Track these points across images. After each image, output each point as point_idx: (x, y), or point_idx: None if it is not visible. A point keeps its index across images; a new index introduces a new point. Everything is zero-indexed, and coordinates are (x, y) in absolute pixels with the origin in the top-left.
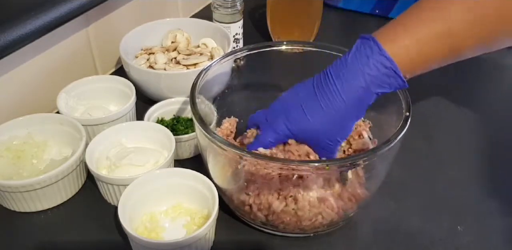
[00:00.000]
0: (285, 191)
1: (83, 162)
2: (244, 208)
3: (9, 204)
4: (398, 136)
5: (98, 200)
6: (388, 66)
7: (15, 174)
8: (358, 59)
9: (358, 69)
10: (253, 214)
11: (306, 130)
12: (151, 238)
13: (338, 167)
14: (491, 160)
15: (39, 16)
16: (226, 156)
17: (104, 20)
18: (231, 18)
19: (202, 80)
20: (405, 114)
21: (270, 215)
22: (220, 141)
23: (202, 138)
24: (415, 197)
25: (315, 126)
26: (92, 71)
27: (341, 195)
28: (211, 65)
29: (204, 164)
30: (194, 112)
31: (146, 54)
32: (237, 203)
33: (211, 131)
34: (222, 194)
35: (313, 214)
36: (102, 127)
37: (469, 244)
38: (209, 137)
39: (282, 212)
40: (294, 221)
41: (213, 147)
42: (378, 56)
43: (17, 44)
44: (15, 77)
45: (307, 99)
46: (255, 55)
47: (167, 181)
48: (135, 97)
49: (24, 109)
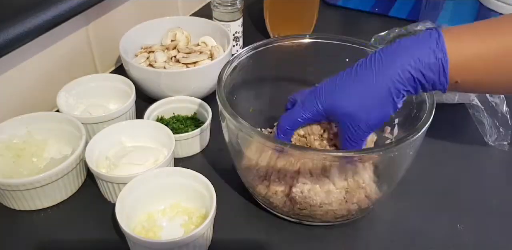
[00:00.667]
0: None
1: (83, 160)
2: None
3: (9, 202)
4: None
5: (98, 198)
6: (439, 57)
7: (15, 173)
8: (412, 42)
9: (408, 52)
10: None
11: (333, 106)
12: (149, 237)
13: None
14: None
15: (39, 14)
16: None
17: (104, 18)
18: (231, 16)
19: (227, 71)
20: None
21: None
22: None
23: (235, 127)
24: (415, 196)
25: (342, 102)
26: (92, 70)
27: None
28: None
29: (234, 155)
30: (226, 109)
31: (146, 53)
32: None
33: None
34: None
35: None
36: (102, 125)
37: (469, 243)
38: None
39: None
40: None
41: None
42: (434, 44)
43: (17, 43)
44: (15, 75)
45: (342, 76)
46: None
47: (164, 180)
48: (134, 95)
49: (24, 107)
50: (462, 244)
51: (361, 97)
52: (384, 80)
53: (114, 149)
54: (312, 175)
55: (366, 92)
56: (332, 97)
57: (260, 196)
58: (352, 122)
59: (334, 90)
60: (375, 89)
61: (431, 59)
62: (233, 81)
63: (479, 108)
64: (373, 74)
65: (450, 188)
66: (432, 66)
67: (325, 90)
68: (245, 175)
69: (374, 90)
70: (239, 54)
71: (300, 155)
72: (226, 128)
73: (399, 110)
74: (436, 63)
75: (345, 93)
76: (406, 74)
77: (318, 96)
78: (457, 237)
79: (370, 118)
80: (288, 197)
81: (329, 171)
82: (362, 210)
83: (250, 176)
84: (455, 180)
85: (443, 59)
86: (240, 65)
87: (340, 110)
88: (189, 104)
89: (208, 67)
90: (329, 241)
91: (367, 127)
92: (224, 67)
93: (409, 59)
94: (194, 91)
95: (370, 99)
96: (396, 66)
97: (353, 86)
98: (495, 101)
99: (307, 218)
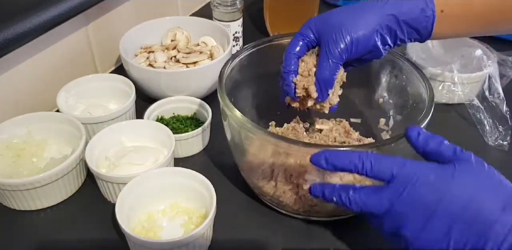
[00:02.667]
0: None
1: (83, 160)
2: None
3: (9, 202)
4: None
5: (98, 198)
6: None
7: (15, 173)
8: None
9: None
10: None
11: (325, 19)
12: (149, 237)
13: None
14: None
15: (39, 14)
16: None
17: (104, 18)
18: (231, 16)
19: (228, 68)
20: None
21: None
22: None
23: (238, 123)
24: None
25: (332, 14)
26: (91, 70)
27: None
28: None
29: (235, 150)
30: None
31: (146, 53)
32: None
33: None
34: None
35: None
36: (102, 125)
37: None
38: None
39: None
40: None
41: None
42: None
43: (16, 43)
44: (15, 75)
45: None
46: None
47: (164, 180)
48: (134, 95)
49: (24, 107)
50: None
51: (351, 12)
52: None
53: (114, 149)
54: (319, 171)
55: (357, 10)
56: (324, 15)
57: (268, 196)
58: (337, 33)
59: (326, 13)
60: (364, 8)
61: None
62: (233, 80)
63: (479, 108)
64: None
65: None
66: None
67: (318, 16)
68: (249, 176)
69: (364, 10)
70: (240, 51)
71: (304, 150)
72: (228, 126)
73: (395, 98)
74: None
75: (336, 11)
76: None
77: (314, 18)
78: None
79: (356, 30)
80: (298, 195)
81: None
82: None
83: (255, 177)
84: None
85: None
86: (241, 63)
87: (330, 20)
88: (189, 104)
89: (208, 67)
90: (332, 237)
91: (350, 42)
92: (225, 65)
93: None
94: (194, 91)
95: (359, 13)
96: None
97: (343, 9)
98: (495, 101)
99: (317, 214)
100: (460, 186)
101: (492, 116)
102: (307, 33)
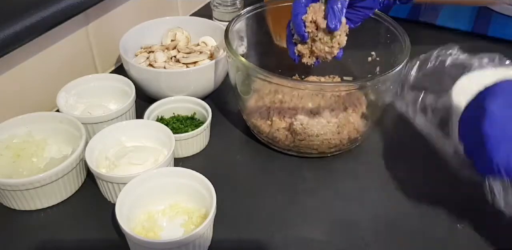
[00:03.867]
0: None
1: (83, 160)
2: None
3: (9, 202)
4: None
5: (98, 198)
6: None
7: (15, 173)
8: None
9: None
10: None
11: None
12: (149, 237)
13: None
14: None
15: (39, 14)
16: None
17: (104, 18)
18: (231, 16)
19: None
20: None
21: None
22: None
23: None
24: (415, 195)
25: None
26: (91, 70)
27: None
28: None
29: (238, 96)
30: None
31: (146, 53)
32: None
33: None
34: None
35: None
36: (102, 125)
37: (469, 243)
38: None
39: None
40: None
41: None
42: None
43: (16, 43)
44: (15, 75)
45: None
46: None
47: (164, 180)
48: (134, 95)
49: (24, 107)
50: (462, 244)
51: None
52: None
53: (114, 149)
54: (308, 113)
55: None
56: None
57: (264, 134)
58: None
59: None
60: None
61: None
62: (238, 36)
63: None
64: None
65: (450, 187)
66: None
67: None
68: (250, 118)
69: None
70: (247, 11)
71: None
72: (235, 68)
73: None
74: None
75: None
76: None
77: None
78: (457, 237)
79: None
80: (289, 131)
81: (321, 112)
82: (351, 140)
83: (255, 117)
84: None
85: None
86: (247, 22)
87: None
88: (189, 104)
89: (208, 67)
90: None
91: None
92: (232, 21)
93: None
94: (194, 91)
95: None
96: None
97: None
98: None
99: (305, 150)
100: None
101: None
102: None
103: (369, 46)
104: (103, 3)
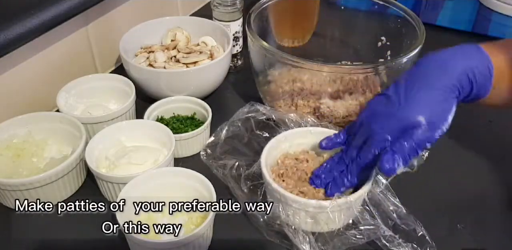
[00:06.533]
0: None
1: (83, 160)
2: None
3: (9, 202)
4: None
5: (98, 198)
6: (485, 64)
7: (15, 173)
8: (456, 53)
9: (458, 62)
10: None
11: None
12: (149, 237)
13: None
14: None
15: (39, 14)
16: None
17: (104, 18)
18: (231, 16)
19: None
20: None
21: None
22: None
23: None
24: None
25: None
26: (91, 70)
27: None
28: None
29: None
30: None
31: (146, 53)
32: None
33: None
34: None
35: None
36: (102, 125)
37: (469, 243)
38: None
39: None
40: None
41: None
42: (480, 54)
43: (16, 43)
44: (15, 75)
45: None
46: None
47: (164, 180)
48: (134, 95)
49: (24, 107)
50: (462, 244)
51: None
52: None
53: (114, 149)
54: (330, 98)
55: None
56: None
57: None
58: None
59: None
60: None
61: (483, 66)
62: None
63: None
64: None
65: (450, 187)
66: (483, 71)
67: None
68: (271, 103)
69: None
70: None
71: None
72: (256, 52)
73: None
74: (485, 69)
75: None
76: (464, 77)
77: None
78: (457, 237)
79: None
80: (315, 115)
81: (342, 96)
82: None
83: (278, 104)
84: (455, 180)
85: (490, 65)
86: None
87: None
88: (189, 104)
89: (208, 67)
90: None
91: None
92: (252, 11)
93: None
94: (194, 91)
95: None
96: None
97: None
98: None
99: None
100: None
101: None
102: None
103: (379, 32)
104: (103, 3)
